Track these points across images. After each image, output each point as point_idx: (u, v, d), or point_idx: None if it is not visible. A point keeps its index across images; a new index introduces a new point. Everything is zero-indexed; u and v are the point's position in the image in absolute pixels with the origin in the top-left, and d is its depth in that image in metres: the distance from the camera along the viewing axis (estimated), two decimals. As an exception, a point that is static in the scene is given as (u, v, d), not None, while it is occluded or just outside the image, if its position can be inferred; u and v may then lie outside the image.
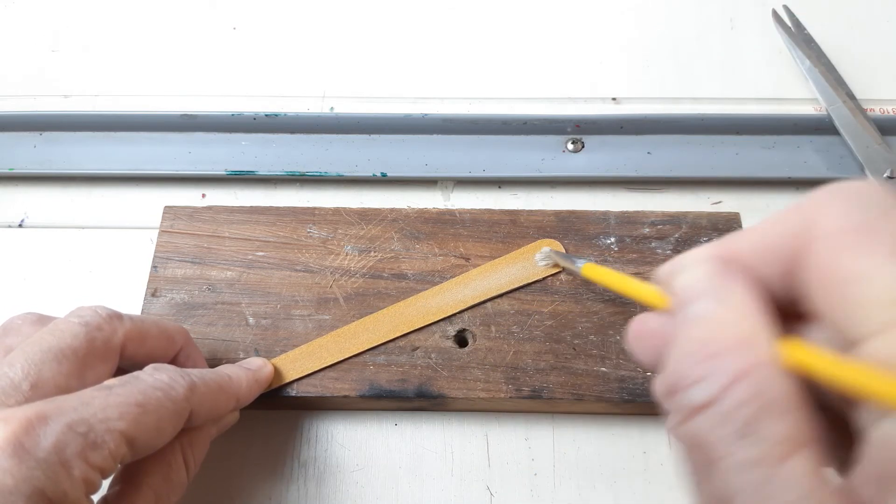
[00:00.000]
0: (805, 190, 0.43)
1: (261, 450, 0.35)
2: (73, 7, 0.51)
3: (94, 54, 0.49)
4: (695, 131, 0.44)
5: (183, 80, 0.48)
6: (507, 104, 0.46)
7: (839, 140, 0.43)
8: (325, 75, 0.48)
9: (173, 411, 0.26)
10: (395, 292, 0.37)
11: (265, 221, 0.39)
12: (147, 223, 0.42)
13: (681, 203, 0.43)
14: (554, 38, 0.50)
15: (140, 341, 0.29)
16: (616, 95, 0.47)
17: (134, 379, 0.26)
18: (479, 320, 0.36)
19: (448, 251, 0.38)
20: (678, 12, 0.50)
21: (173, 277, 0.37)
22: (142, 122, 0.44)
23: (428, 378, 0.34)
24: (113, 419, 0.24)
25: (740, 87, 0.47)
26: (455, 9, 0.51)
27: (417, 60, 0.49)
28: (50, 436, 0.22)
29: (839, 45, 0.47)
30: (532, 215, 0.39)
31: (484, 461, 0.35)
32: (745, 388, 0.17)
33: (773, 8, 0.48)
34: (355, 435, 0.36)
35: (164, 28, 0.50)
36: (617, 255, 0.37)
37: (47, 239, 0.42)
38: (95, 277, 0.41)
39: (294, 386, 0.34)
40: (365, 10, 0.51)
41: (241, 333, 0.36)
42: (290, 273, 0.37)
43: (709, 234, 0.38)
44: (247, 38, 0.50)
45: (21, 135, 0.45)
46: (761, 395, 0.17)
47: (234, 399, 0.31)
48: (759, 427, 0.17)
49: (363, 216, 0.39)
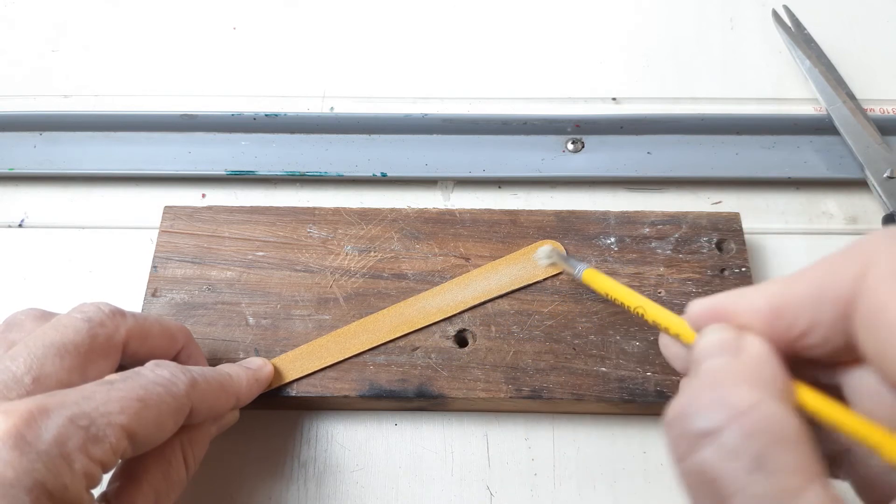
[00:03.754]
0: (805, 190, 0.43)
1: (261, 450, 0.35)
2: (73, 7, 0.51)
3: (94, 54, 0.49)
4: (695, 131, 0.44)
5: (183, 80, 0.48)
6: (507, 104, 0.46)
7: (839, 140, 0.43)
8: (325, 75, 0.48)
9: (174, 407, 0.26)
10: (395, 292, 0.37)
11: (265, 221, 0.39)
12: (147, 223, 0.42)
13: (681, 203, 0.43)
14: (554, 38, 0.50)
15: (142, 339, 0.29)
16: (616, 95, 0.47)
17: (135, 374, 0.26)
18: (479, 320, 0.36)
19: (448, 251, 0.38)
20: (678, 12, 0.50)
21: (173, 277, 0.37)
22: (142, 122, 0.44)
23: (428, 378, 0.34)
24: (114, 413, 0.24)
25: (740, 87, 0.47)
26: (455, 9, 0.51)
27: (417, 60, 0.49)
28: (51, 429, 0.22)
29: (839, 45, 0.47)
30: (532, 215, 0.39)
31: (484, 461, 0.35)
32: (753, 419, 0.17)
33: (773, 8, 0.48)
34: (355, 435, 0.36)
35: (164, 28, 0.50)
36: (617, 254, 0.37)
37: (47, 239, 0.42)
38: (95, 277, 0.41)
39: (294, 386, 0.34)
40: (365, 11, 0.51)
41: (241, 333, 0.36)
42: (290, 273, 0.37)
43: (709, 234, 0.38)
44: (247, 38, 0.50)
45: (21, 135, 0.45)
46: (771, 428, 0.17)
47: (234, 397, 0.31)
48: (771, 459, 0.17)
49: (363, 216, 0.39)
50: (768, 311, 0.20)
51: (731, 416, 0.18)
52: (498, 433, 0.36)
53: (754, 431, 0.17)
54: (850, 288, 0.19)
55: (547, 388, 0.34)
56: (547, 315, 0.36)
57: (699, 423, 0.18)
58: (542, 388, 0.34)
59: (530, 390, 0.34)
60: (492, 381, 0.34)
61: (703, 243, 0.38)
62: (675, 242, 0.38)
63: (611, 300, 0.29)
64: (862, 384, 0.20)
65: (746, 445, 0.17)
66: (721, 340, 0.20)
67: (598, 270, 0.30)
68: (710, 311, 0.22)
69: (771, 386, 0.19)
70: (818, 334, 0.20)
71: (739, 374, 0.19)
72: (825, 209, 0.42)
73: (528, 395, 0.34)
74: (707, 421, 0.18)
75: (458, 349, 0.35)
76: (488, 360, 0.35)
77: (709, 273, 0.37)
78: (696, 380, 0.20)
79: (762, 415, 0.17)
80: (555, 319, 0.36)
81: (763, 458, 0.17)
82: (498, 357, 0.35)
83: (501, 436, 0.36)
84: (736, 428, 0.17)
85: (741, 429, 0.17)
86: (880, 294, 0.18)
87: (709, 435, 0.18)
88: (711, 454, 0.18)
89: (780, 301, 0.20)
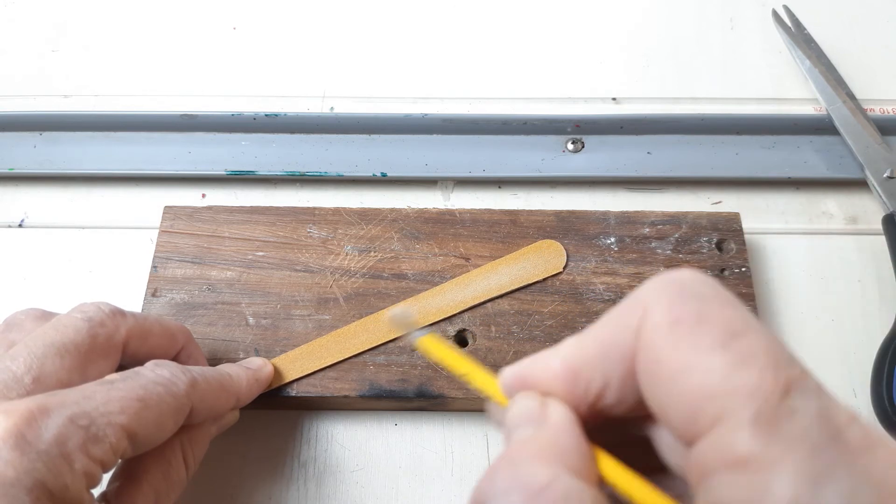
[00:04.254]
0: (805, 190, 0.43)
1: (261, 450, 0.35)
2: (73, 7, 0.51)
3: (94, 54, 0.49)
4: (695, 131, 0.44)
5: (183, 80, 0.48)
6: (507, 104, 0.46)
7: (839, 140, 0.43)
8: (325, 75, 0.48)
9: (174, 407, 0.26)
10: (395, 292, 0.37)
11: (265, 221, 0.39)
12: (147, 223, 0.42)
13: (681, 203, 0.43)
14: (554, 38, 0.50)
15: (142, 339, 0.29)
16: (616, 95, 0.47)
17: (135, 374, 0.26)
18: (479, 320, 0.36)
19: (448, 251, 0.38)
20: (678, 12, 0.50)
21: (173, 277, 0.37)
22: (142, 122, 0.44)
23: (428, 378, 0.34)
24: (114, 413, 0.24)
25: (740, 87, 0.47)
26: (455, 9, 0.51)
27: (417, 60, 0.49)
28: (52, 428, 0.22)
29: (839, 45, 0.47)
30: (532, 215, 0.39)
31: (484, 461, 0.35)
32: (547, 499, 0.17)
33: (773, 8, 0.48)
34: (355, 435, 0.36)
35: (164, 28, 0.50)
36: (617, 254, 0.37)
37: (47, 239, 0.42)
38: (95, 277, 0.41)
39: (294, 386, 0.34)
40: (365, 11, 0.51)
41: (241, 333, 0.36)
42: (290, 273, 0.37)
43: (709, 234, 0.38)
44: (247, 38, 0.50)
45: (21, 135, 0.45)
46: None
47: (234, 397, 0.31)
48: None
49: (363, 216, 0.39)
50: (565, 375, 0.19)
51: (525, 499, 0.17)
52: (498, 433, 0.36)
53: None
54: (632, 342, 0.18)
55: (547, 388, 0.34)
56: (547, 315, 0.36)
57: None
58: (542, 388, 0.34)
59: (530, 390, 0.34)
60: (492, 381, 0.34)
61: (703, 243, 0.38)
62: (675, 242, 0.38)
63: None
64: (663, 437, 0.20)
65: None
66: (525, 410, 0.20)
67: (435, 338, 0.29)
68: (517, 378, 0.21)
69: (568, 459, 0.18)
70: (612, 394, 0.19)
71: (537, 450, 0.18)
72: (825, 209, 0.42)
73: (528, 395, 0.34)
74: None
75: (459, 349, 0.35)
76: (488, 360, 0.35)
77: (709, 273, 0.37)
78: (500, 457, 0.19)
79: (556, 494, 0.17)
80: (555, 319, 0.36)
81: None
82: (498, 357, 0.35)
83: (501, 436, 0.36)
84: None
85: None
86: (653, 348, 0.18)
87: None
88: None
89: (572, 363, 0.19)
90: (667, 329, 0.17)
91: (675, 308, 0.17)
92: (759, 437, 0.15)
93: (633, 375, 0.18)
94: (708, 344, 0.17)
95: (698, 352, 0.17)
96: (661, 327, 0.17)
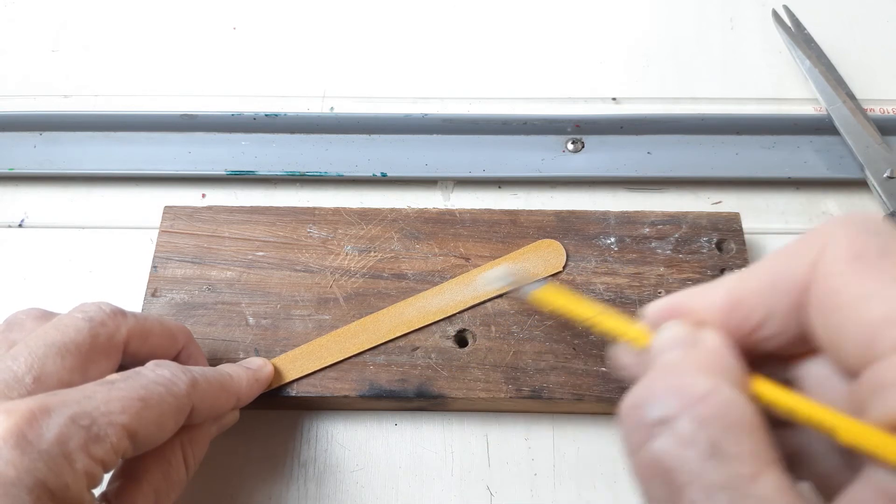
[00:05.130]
0: (805, 190, 0.43)
1: (261, 450, 0.35)
2: (72, 7, 0.51)
3: (94, 54, 0.49)
4: (695, 131, 0.44)
5: (183, 80, 0.48)
6: (507, 104, 0.46)
7: (839, 140, 0.43)
8: (325, 75, 0.48)
9: (175, 406, 0.26)
10: (395, 292, 0.37)
11: (265, 221, 0.39)
12: (147, 223, 0.42)
13: (681, 203, 0.43)
14: (554, 38, 0.50)
15: (143, 338, 0.29)
16: (616, 95, 0.47)
17: (136, 374, 0.26)
18: (479, 320, 0.36)
19: (448, 251, 0.38)
20: (678, 12, 0.50)
21: (173, 277, 0.37)
22: (142, 122, 0.44)
23: (428, 378, 0.34)
24: (115, 413, 0.24)
25: (740, 87, 0.47)
26: (455, 9, 0.51)
27: (417, 60, 0.49)
28: (53, 428, 0.22)
29: (839, 45, 0.47)
30: (532, 215, 0.39)
31: (484, 461, 0.35)
32: (709, 406, 0.17)
33: (773, 8, 0.48)
34: (355, 435, 0.36)
35: (164, 28, 0.50)
36: (617, 254, 0.37)
37: (47, 239, 0.42)
38: (95, 277, 0.41)
39: (294, 386, 0.34)
40: (365, 10, 0.51)
41: (241, 333, 0.36)
42: (290, 273, 0.37)
43: (709, 234, 0.38)
44: (247, 38, 0.50)
45: (21, 135, 0.45)
46: (726, 415, 0.17)
47: (234, 397, 0.31)
48: (726, 446, 0.17)
49: (363, 216, 0.39)
50: (724, 305, 0.20)
51: (686, 404, 0.17)
52: (498, 433, 0.36)
53: (710, 418, 0.17)
54: (805, 275, 0.19)
55: (547, 388, 0.34)
56: (547, 315, 0.36)
57: (653, 411, 0.18)
58: (542, 388, 0.34)
59: (530, 390, 0.34)
60: (492, 381, 0.34)
61: (703, 243, 0.38)
62: (675, 242, 0.38)
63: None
64: (813, 375, 0.20)
65: (701, 432, 0.17)
66: (677, 335, 0.20)
67: (554, 288, 0.28)
68: (666, 309, 0.21)
69: (727, 374, 0.18)
70: (773, 324, 0.19)
71: (695, 364, 0.19)
72: (825, 209, 0.42)
73: (529, 395, 0.34)
74: (661, 409, 0.18)
75: (458, 349, 0.35)
76: (488, 360, 0.35)
77: (709, 273, 0.37)
78: (652, 371, 0.19)
79: (718, 401, 0.17)
80: (555, 319, 0.36)
81: (718, 444, 0.17)
82: (498, 357, 0.35)
83: (501, 436, 0.36)
84: (691, 415, 0.17)
85: (696, 415, 0.17)
86: (833, 278, 0.18)
87: (663, 423, 0.17)
88: (666, 443, 0.17)
89: (735, 293, 0.20)
90: (850, 260, 0.18)
91: (858, 242, 0.18)
92: None
93: (799, 307, 0.19)
94: (891, 275, 0.17)
95: (882, 282, 0.17)
96: (842, 259, 0.18)
